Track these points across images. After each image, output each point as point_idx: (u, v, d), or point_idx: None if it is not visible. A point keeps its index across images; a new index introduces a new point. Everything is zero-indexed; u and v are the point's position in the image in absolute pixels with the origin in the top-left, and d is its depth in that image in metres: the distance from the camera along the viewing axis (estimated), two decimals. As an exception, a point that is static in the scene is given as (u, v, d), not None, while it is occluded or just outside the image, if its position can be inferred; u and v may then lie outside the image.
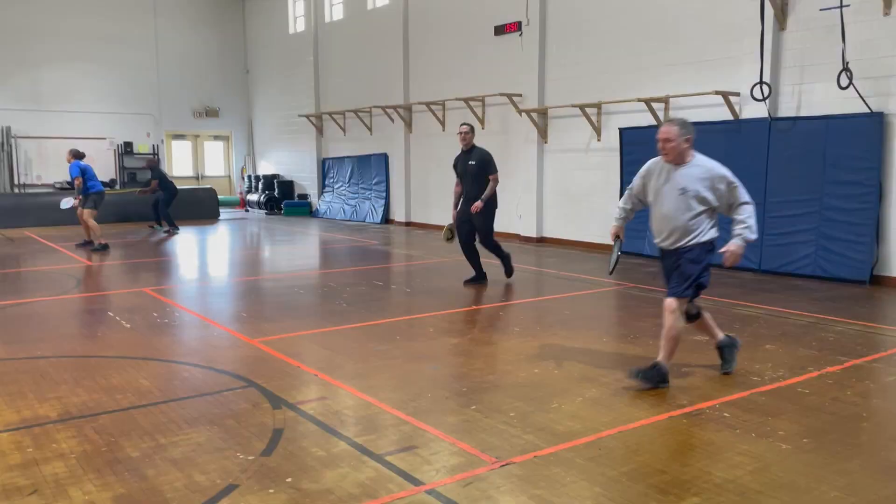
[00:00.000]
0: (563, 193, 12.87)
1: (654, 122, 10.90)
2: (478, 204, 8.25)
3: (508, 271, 8.77)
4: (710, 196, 4.60)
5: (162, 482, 3.33)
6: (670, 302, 4.64)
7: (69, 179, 12.72)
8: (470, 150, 8.47)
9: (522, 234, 13.55)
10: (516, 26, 13.34)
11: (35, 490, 3.25)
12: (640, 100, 10.84)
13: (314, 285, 8.96)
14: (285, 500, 3.16)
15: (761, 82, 9.30)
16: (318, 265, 11.32)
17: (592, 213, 12.28)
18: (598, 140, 12.10)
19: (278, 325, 6.59)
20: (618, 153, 11.54)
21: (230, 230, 16.59)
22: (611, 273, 5.21)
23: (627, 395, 4.58)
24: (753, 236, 4.55)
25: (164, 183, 15.65)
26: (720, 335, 5.00)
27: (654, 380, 4.65)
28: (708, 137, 10.09)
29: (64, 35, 20.12)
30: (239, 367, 5.25)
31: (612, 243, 5.12)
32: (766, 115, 9.53)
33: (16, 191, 19.63)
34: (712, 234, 4.67)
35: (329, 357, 5.52)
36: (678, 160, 4.70)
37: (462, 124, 8.57)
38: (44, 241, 13.76)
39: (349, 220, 18.51)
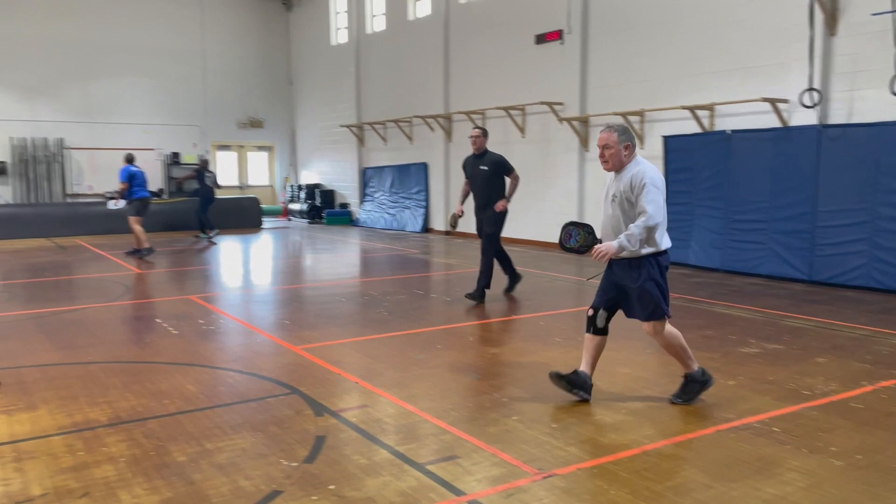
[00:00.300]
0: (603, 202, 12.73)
1: (699, 130, 10.75)
2: (503, 202, 8.10)
3: (512, 280, 8.57)
4: (635, 200, 4.32)
5: (208, 487, 3.38)
6: (646, 326, 4.45)
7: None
8: (482, 155, 8.21)
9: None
10: (557, 35, 13.30)
11: (86, 493, 3.33)
12: (684, 107, 10.70)
13: (355, 293, 9.03)
14: (328, 507, 3.17)
15: (811, 89, 9.09)
16: (359, 274, 11.40)
17: (635, 223, 12.13)
18: (641, 148, 11.96)
19: (320, 333, 6.65)
20: (662, 161, 11.39)
21: (273, 239, 16.82)
22: (564, 246, 4.68)
23: (673, 408, 4.50)
24: (630, 246, 4.23)
25: (202, 185, 15.97)
26: (589, 372, 4.61)
27: (694, 392, 4.55)
28: (755, 145, 9.93)
29: (115, 49, 20.74)
30: (282, 373, 5.31)
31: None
32: (815, 122, 9.31)
33: (68, 200, 20.25)
34: (661, 244, 4.35)
35: (370, 365, 5.55)
36: (617, 167, 4.47)
37: (474, 128, 8.36)
38: (94, 249, 14.15)
39: (389, 229, 18.62)
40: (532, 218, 13.82)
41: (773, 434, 4.03)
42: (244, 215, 19.22)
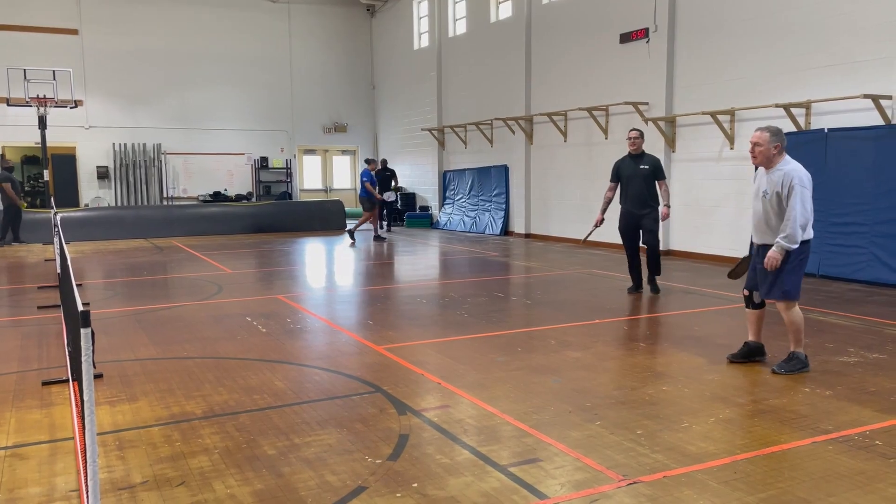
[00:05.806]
0: (691, 204, 12.39)
1: (794, 129, 10.29)
2: (667, 210, 8.56)
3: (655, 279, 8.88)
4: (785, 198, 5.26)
5: (296, 480, 3.49)
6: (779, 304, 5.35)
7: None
8: (640, 155, 8.59)
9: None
10: (643, 33, 13.02)
11: (183, 482, 3.49)
12: (778, 105, 10.27)
13: (436, 295, 9.11)
14: (411, 505, 3.22)
15: (917, 83, 8.56)
16: (440, 276, 11.49)
17: (723, 225, 11.73)
18: (731, 148, 11.55)
19: (402, 333, 6.74)
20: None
21: (356, 240, 17.15)
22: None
23: (765, 418, 4.32)
24: (790, 246, 5.06)
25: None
26: (757, 340, 5.59)
27: (795, 368, 4.97)
28: (854, 144, 9.43)
29: (209, 59, 21.74)
30: (365, 372, 5.42)
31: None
32: (922, 118, 8.76)
33: (164, 203, 21.31)
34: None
35: (451, 366, 5.58)
36: (766, 164, 5.34)
37: (631, 129, 8.77)
38: (188, 249, 14.83)
39: (469, 232, 18.68)
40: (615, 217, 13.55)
41: (874, 447, 3.82)
42: (328, 218, 19.73)
